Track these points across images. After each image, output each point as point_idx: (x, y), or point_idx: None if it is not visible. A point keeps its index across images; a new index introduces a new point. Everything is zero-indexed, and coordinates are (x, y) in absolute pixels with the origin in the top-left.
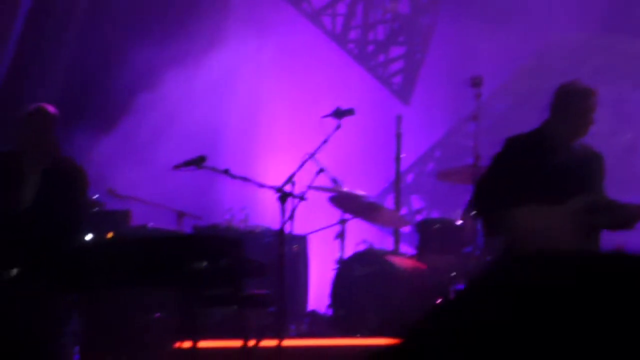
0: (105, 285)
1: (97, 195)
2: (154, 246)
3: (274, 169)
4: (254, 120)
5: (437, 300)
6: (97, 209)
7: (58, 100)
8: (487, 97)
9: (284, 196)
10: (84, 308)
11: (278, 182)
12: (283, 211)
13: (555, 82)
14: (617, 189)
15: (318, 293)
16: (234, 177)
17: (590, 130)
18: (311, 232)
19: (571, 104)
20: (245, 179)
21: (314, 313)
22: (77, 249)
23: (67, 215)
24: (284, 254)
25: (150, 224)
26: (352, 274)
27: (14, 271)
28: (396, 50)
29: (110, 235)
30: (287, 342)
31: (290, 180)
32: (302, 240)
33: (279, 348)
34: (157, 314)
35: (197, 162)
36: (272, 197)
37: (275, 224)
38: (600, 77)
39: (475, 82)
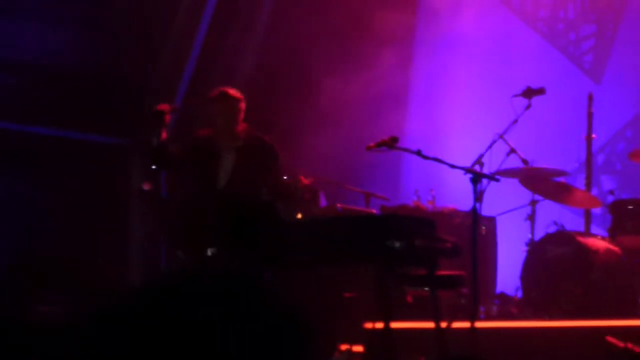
0: (303, 264)
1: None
2: (350, 225)
3: (462, 150)
4: (443, 100)
5: (630, 281)
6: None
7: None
8: None
9: (475, 177)
10: (280, 287)
11: (466, 163)
12: (475, 192)
13: None
14: None
15: (507, 275)
16: (426, 157)
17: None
18: (501, 214)
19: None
20: (438, 160)
21: (503, 295)
22: (276, 227)
23: (260, 191)
24: (480, 235)
25: (339, 205)
26: (544, 255)
27: (212, 250)
28: (587, 29)
29: (299, 216)
30: (480, 324)
31: (479, 160)
32: (491, 221)
33: (472, 330)
34: (349, 293)
35: (390, 142)
36: (458, 178)
37: (461, 205)
38: None
39: None
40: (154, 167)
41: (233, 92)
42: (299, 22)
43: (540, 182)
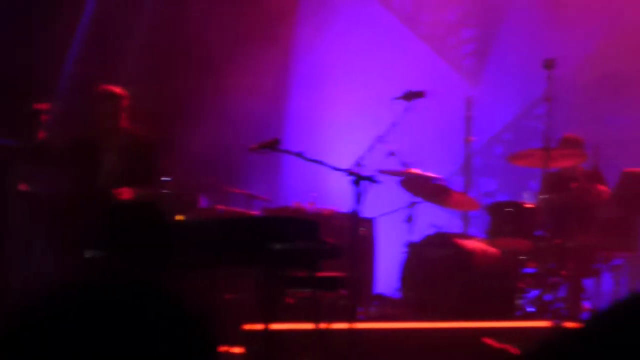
0: (184, 266)
1: (168, 178)
2: (231, 227)
3: (343, 152)
4: (323, 104)
5: (507, 282)
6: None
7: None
8: (560, 79)
9: (355, 179)
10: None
11: (347, 165)
12: (355, 194)
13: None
14: None
15: (386, 276)
16: (307, 159)
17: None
18: (380, 215)
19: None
20: (318, 162)
21: (382, 296)
22: (157, 228)
23: (141, 190)
24: (359, 236)
25: (220, 206)
26: (423, 257)
27: (93, 252)
28: (467, 32)
29: (180, 217)
30: (359, 325)
31: (359, 163)
32: (370, 223)
33: (351, 331)
34: (230, 295)
35: (271, 144)
36: (339, 180)
37: (341, 207)
38: None
39: (548, 65)
40: (32, 166)
41: (115, 89)
42: (180, 23)
43: (419, 184)
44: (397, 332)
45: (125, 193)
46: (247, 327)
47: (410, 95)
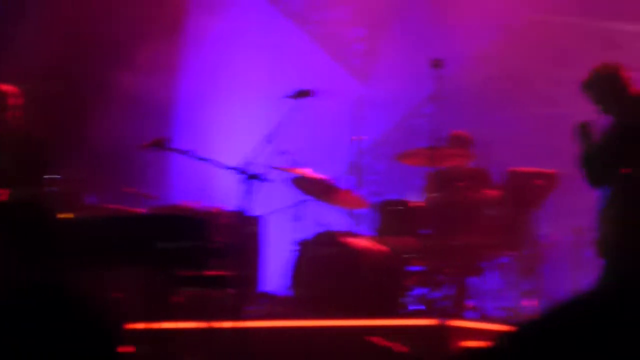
0: (71, 265)
1: (57, 176)
2: (119, 225)
3: (232, 151)
4: (212, 102)
5: (395, 280)
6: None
7: None
8: (447, 79)
9: (245, 177)
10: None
11: (237, 164)
12: (244, 192)
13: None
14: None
15: (275, 274)
16: (196, 158)
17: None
18: (269, 214)
19: None
20: (207, 160)
21: (268, 294)
22: (41, 227)
23: (26, 189)
24: (245, 235)
25: (107, 204)
26: (312, 255)
27: None
28: (356, 31)
29: (67, 215)
30: (247, 324)
31: (249, 161)
32: (258, 221)
33: (238, 329)
34: (116, 294)
35: (160, 143)
36: (228, 178)
37: (230, 205)
38: (560, 58)
39: (436, 64)
40: None
41: (2, 87)
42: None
43: (308, 183)
44: (284, 330)
45: (1, 194)
46: (135, 326)
47: (300, 94)
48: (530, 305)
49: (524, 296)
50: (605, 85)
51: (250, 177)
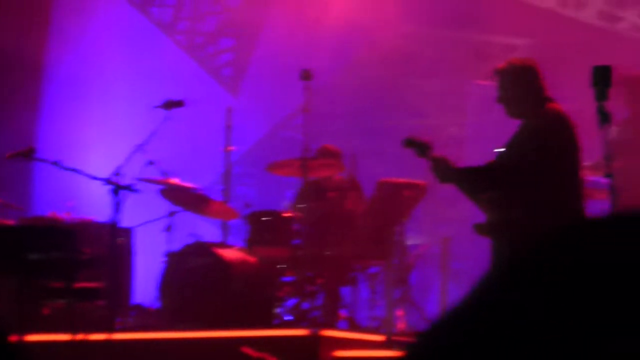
0: None
1: None
2: None
3: (101, 161)
4: (80, 111)
5: (267, 291)
6: None
7: None
8: (317, 90)
9: (114, 188)
10: None
11: (106, 174)
12: (114, 204)
13: (383, 76)
14: None
15: (145, 286)
16: (63, 168)
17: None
18: (139, 225)
19: None
20: (75, 171)
21: (140, 306)
22: None
23: None
24: (116, 246)
25: None
26: (181, 266)
27: None
28: (225, 42)
29: None
30: (117, 336)
31: (119, 172)
32: (129, 232)
33: (108, 342)
34: None
35: (27, 153)
36: (97, 189)
37: (100, 216)
38: (432, 69)
39: (305, 75)
40: None
41: None
42: None
43: (179, 194)
44: (156, 342)
45: None
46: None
47: (170, 104)
48: (400, 315)
49: (394, 305)
50: (518, 79)
51: (120, 188)
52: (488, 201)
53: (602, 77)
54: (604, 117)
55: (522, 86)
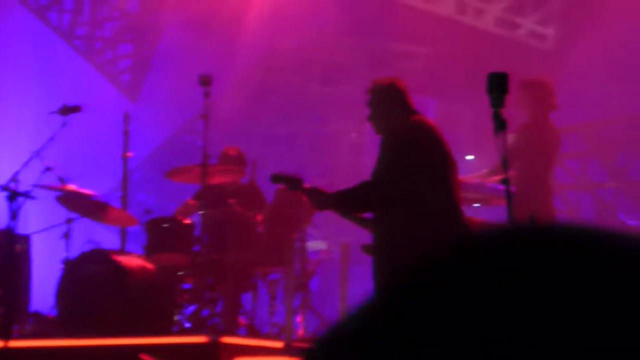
0: None
1: None
2: None
3: None
4: None
5: (166, 298)
6: None
7: None
8: (216, 96)
9: (10, 195)
10: None
11: (2, 181)
12: (10, 210)
13: (284, 82)
14: (346, 186)
15: (42, 293)
16: None
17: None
18: (35, 232)
19: None
20: None
21: (37, 314)
22: None
23: None
24: (13, 254)
25: None
26: (80, 273)
27: None
28: (124, 48)
29: None
30: (14, 343)
31: (15, 178)
32: (26, 240)
33: (5, 349)
34: None
35: None
36: None
37: None
38: (332, 76)
39: (204, 81)
40: None
41: None
42: None
43: (77, 200)
44: (53, 350)
45: None
46: None
47: (67, 110)
48: (300, 321)
49: (294, 312)
50: (384, 97)
51: (17, 194)
52: (367, 221)
53: (498, 84)
54: (500, 124)
55: (386, 104)
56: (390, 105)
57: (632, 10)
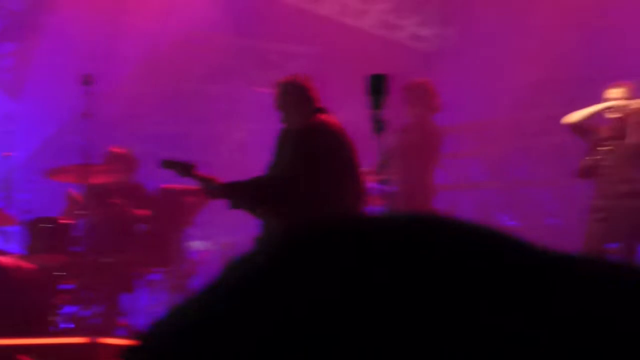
0: None
1: None
2: None
3: None
4: None
5: (45, 298)
6: None
7: None
8: (100, 95)
9: None
10: None
11: None
12: None
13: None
14: None
15: None
16: None
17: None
18: None
19: None
20: None
21: None
22: None
23: None
24: None
25: None
26: None
27: None
28: (7, 47)
29: None
30: None
31: None
32: None
33: None
34: None
35: None
36: None
37: None
38: (216, 75)
39: (86, 80)
40: None
41: None
42: None
43: None
44: None
45: None
46: None
47: None
48: None
49: None
50: (288, 91)
51: None
52: (263, 214)
53: (377, 86)
54: (379, 125)
55: (292, 99)
56: (293, 99)
57: (511, 10)
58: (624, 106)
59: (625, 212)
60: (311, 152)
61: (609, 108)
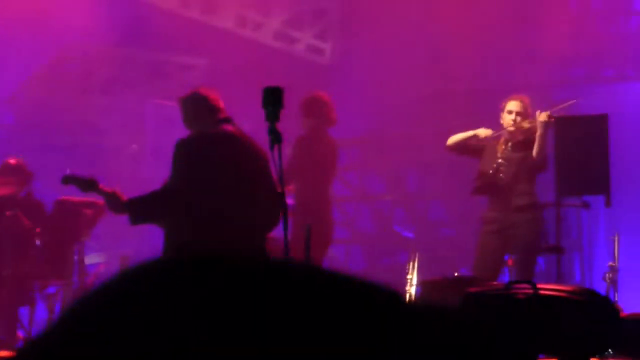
0: None
1: None
2: None
3: None
4: None
5: None
6: None
7: None
8: None
9: None
10: None
11: None
12: None
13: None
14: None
15: None
16: None
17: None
18: None
19: None
20: None
21: None
22: None
23: None
24: None
25: None
26: None
27: None
28: None
29: None
30: None
31: None
32: None
33: None
34: None
35: None
36: None
37: None
38: (112, 87)
39: None
40: None
41: None
42: None
43: None
44: None
45: None
46: None
47: None
48: None
49: None
50: (189, 104)
51: None
52: (164, 226)
53: (272, 98)
54: (275, 138)
55: (193, 112)
56: (194, 113)
57: (407, 23)
58: (516, 122)
59: (519, 225)
60: (191, 162)
61: (477, 135)
